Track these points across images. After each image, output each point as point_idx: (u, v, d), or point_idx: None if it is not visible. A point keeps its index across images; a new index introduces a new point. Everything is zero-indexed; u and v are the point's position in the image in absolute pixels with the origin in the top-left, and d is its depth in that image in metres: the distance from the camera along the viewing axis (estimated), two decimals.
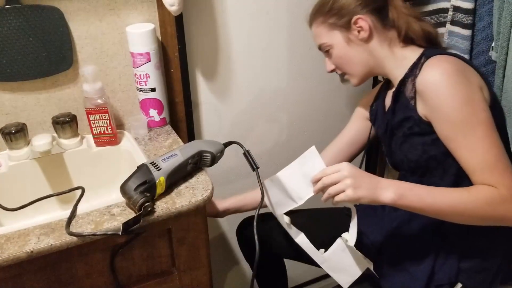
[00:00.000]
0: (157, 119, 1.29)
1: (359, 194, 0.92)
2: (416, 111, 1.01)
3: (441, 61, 0.97)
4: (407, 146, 1.07)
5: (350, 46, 1.09)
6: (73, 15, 1.16)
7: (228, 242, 1.70)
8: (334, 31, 1.10)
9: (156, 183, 0.96)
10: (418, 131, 1.03)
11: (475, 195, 0.92)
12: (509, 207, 0.91)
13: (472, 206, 0.92)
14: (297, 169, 1.04)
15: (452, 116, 0.94)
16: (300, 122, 1.62)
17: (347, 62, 1.12)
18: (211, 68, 1.39)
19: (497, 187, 0.92)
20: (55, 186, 1.18)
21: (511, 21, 1.01)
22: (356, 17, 1.06)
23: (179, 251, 1.05)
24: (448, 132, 0.96)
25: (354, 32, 1.07)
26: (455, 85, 0.93)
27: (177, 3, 1.12)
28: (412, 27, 1.06)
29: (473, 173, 0.94)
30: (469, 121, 0.93)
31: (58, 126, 1.16)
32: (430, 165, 1.04)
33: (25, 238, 0.88)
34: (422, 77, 0.97)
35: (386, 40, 1.08)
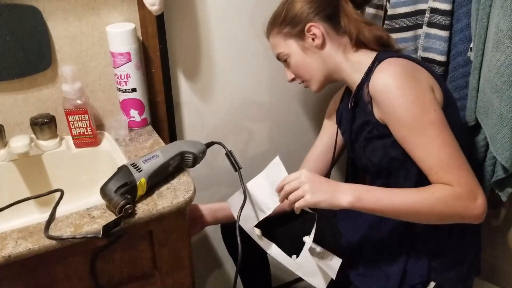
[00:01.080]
0: (138, 119, 1.28)
1: (317, 198, 0.94)
2: (373, 115, 1.04)
3: (390, 65, 1.00)
4: (369, 150, 1.09)
5: (306, 54, 1.12)
6: (52, 14, 1.14)
7: (211, 244, 1.69)
8: (289, 40, 1.13)
9: (137, 184, 0.96)
10: (377, 134, 1.05)
11: (430, 194, 0.94)
12: (465, 204, 0.93)
13: (428, 205, 0.94)
14: (264, 180, 1.08)
15: (402, 117, 0.96)
16: (283, 122, 1.62)
17: (305, 70, 1.14)
18: (192, 68, 1.38)
19: (453, 185, 0.93)
20: (34, 189, 1.16)
21: (487, 23, 1.03)
22: (309, 25, 1.09)
23: (161, 253, 1.04)
24: (401, 133, 0.98)
25: (309, 40, 1.10)
26: (403, 87, 0.96)
27: (158, 3, 1.11)
28: (363, 32, 1.09)
29: (429, 172, 0.96)
30: (419, 122, 0.95)
31: (36, 127, 1.14)
32: (393, 166, 1.06)
33: (2, 242, 0.87)
34: (373, 81, 1.00)
35: (340, 46, 1.11)
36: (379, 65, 1.02)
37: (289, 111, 1.62)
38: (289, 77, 1.20)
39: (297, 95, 1.61)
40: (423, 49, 1.24)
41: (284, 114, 1.61)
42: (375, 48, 1.09)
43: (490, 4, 1.00)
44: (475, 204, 0.93)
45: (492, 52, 1.00)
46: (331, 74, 1.14)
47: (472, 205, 0.93)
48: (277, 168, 1.05)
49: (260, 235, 1.14)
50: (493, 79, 1.01)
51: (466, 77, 1.18)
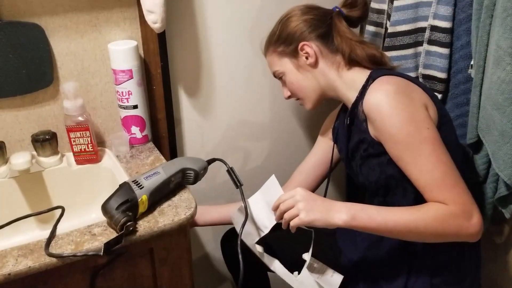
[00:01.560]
0: (139, 136, 1.28)
1: (312, 217, 0.94)
2: (368, 133, 1.04)
3: (383, 83, 1.00)
4: (365, 168, 1.09)
5: (300, 72, 1.14)
6: (54, 31, 1.15)
7: (212, 262, 1.68)
8: (284, 58, 1.15)
9: (138, 201, 0.95)
10: (373, 152, 1.04)
11: (425, 212, 0.93)
12: (461, 223, 0.92)
13: (423, 224, 0.93)
14: (260, 198, 1.08)
15: (395, 135, 0.96)
16: (283, 137, 1.62)
17: (299, 88, 1.16)
18: (193, 85, 1.38)
19: (447, 203, 0.93)
20: (34, 206, 1.15)
21: (487, 40, 1.04)
22: (302, 44, 1.11)
23: (161, 271, 1.03)
24: (395, 152, 0.98)
25: (302, 58, 1.12)
26: (396, 105, 0.96)
27: (160, 21, 1.12)
28: (355, 50, 1.09)
29: (424, 190, 0.96)
30: (412, 140, 0.94)
31: (37, 144, 1.14)
32: (390, 184, 1.06)
33: (2, 260, 0.86)
34: (366, 100, 1.00)
35: (334, 64, 1.11)
36: (373, 84, 1.02)
37: (289, 128, 1.62)
38: (286, 95, 1.21)
39: (297, 112, 1.61)
40: (423, 67, 1.25)
41: (284, 131, 1.62)
42: (368, 66, 1.10)
43: (490, 22, 1.01)
44: (470, 222, 0.92)
45: (493, 70, 1.01)
46: (325, 92, 1.15)
47: (467, 224, 0.92)
48: (273, 187, 1.05)
49: (262, 252, 1.13)
50: (494, 96, 1.01)
51: (467, 94, 1.19)
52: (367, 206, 0.97)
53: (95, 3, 1.17)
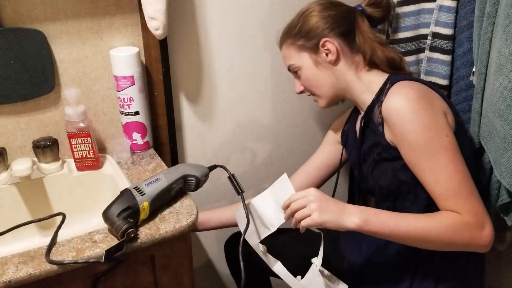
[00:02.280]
0: (140, 142, 1.28)
1: (324, 218, 0.93)
2: (384, 137, 1.03)
3: (404, 87, 0.99)
4: (377, 172, 1.08)
5: (318, 68, 1.11)
6: (56, 38, 1.15)
7: (214, 269, 1.67)
8: (302, 53, 1.12)
9: (140, 208, 0.95)
10: (387, 156, 1.04)
11: (438, 221, 0.93)
12: (473, 233, 0.92)
13: (436, 232, 0.92)
14: (270, 196, 1.06)
15: (414, 141, 0.95)
16: (284, 144, 1.62)
17: (315, 84, 1.13)
18: (195, 91, 1.38)
19: (461, 213, 0.92)
20: (35, 212, 1.15)
21: (489, 47, 1.04)
22: (324, 40, 1.08)
23: (163, 279, 1.02)
24: (412, 158, 0.97)
25: (322, 55, 1.09)
26: (417, 111, 0.95)
27: (162, 27, 1.12)
28: (377, 52, 1.08)
29: (438, 199, 0.95)
30: (431, 147, 0.94)
31: (38, 150, 1.14)
32: (402, 190, 1.05)
33: (3, 267, 0.85)
34: (386, 104, 0.99)
35: (353, 64, 1.10)
36: (393, 87, 1.01)
37: (291, 134, 1.62)
38: (298, 89, 1.18)
39: (299, 119, 1.61)
40: (425, 73, 1.25)
41: (286, 137, 1.61)
42: (386, 70, 1.09)
43: (492, 29, 1.01)
44: (482, 233, 0.92)
45: (495, 77, 1.00)
46: (341, 92, 1.13)
47: (479, 234, 0.92)
48: (284, 186, 1.02)
49: (264, 251, 1.12)
50: (496, 103, 1.01)
51: (468, 101, 1.19)
52: (380, 211, 0.95)
53: (97, 10, 1.17)
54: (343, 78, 1.10)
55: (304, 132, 1.64)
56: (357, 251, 1.21)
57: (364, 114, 1.09)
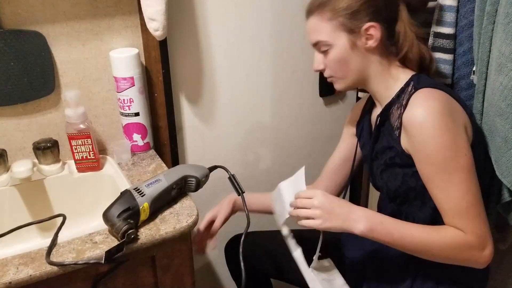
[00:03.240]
0: (140, 143, 1.28)
1: (329, 225, 0.95)
2: (399, 143, 1.01)
3: (429, 98, 0.95)
4: (387, 174, 1.07)
5: (353, 52, 1.02)
6: (56, 39, 1.15)
7: (214, 270, 1.67)
8: (340, 32, 1.01)
9: (140, 209, 0.95)
10: (399, 162, 1.03)
11: (442, 237, 0.94)
12: (474, 253, 0.93)
13: (438, 248, 0.94)
14: (288, 186, 1.06)
15: (432, 157, 0.94)
16: (285, 144, 1.62)
17: (343, 67, 1.04)
18: (195, 92, 1.38)
19: (465, 232, 0.93)
20: (35, 214, 1.15)
21: (489, 46, 1.03)
22: (370, 24, 0.99)
23: (163, 279, 1.02)
24: (426, 172, 0.96)
25: (362, 39, 1.01)
26: (439, 127, 0.93)
27: (161, 28, 1.12)
28: (413, 48, 1.03)
29: (445, 214, 0.95)
30: (448, 165, 0.93)
31: (39, 152, 1.14)
32: (409, 195, 1.05)
33: (3, 269, 0.85)
34: (409, 113, 0.96)
35: (388, 55, 1.04)
36: (417, 95, 0.96)
37: (292, 135, 1.62)
38: (318, 67, 1.08)
39: (300, 119, 1.61)
40: None
41: (286, 137, 1.61)
42: (414, 68, 1.05)
43: (492, 28, 1.01)
44: (482, 253, 0.93)
45: (495, 76, 1.00)
46: (364, 81, 1.07)
47: (479, 254, 0.93)
48: (299, 180, 1.03)
49: (287, 234, 1.09)
50: (497, 102, 1.01)
51: (469, 100, 1.18)
52: (386, 220, 0.96)
53: (96, 11, 1.17)
54: (373, 68, 1.04)
55: (305, 133, 1.64)
56: (358, 250, 1.21)
57: (381, 113, 1.06)
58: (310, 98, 1.60)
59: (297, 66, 1.52)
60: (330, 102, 1.64)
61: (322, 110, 1.64)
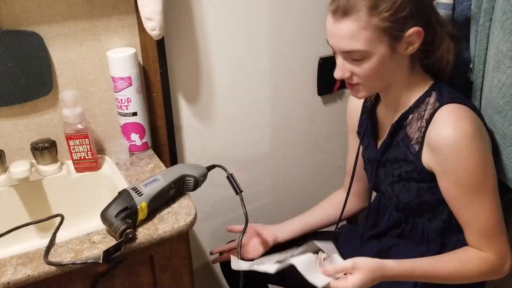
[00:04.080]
0: (138, 143, 1.28)
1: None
2: (419, 159, 0.98)
3: (460, 118, 0.91)
4: (399, 187, 1.05)
5: (391, 60, 0.91)
6: (53, 40, 1.15)
7: (212, 270, 1.67)
8: (382, 38, 0.88)
9: (138, 209, 0.95)
10: (416, 177, 1.00)
11: (470, 267, 0.95)
12: (494, 269, 0.96)
13: (467, 276, 0.95)
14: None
15: (463, 179, 0.92)
16: (283, 143, 1.62)
17: (377, 77, 0.93)
18: (193, 91, 1.38)
19: (488, 252, 0.94)
20: (33, 214, 1.15)
21: (486, 44, 1.03)
22: (415, 30, 0.88)
23: (162, 279, 1.02)
24: (455, 192, 0.95)
25: (402, 45, 0.90)
26: (473, 150, 0.90)
27: (159, 28, 1.12)
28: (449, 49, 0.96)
29: (471, 232, 0.96)
30: (479, 187, 0.93)
31: (37, 152, 1.13)
32: (421, 208, 1.04)
33: (2, 269, 0.85)
34: (439, 133, 0.91)
35: (415, 59, 0.96)
36: (444, 113, 0.92)
37: (290, 134, 1.62)
38: (343, 75, 0.95)
39: (297, 118, 1.61)
40: None
41: (285, 137, 1.61)
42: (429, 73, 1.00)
43: (489, 25, 1.01)
44: (502, 269, 0.96)
45: (493, 73, 1.00)
46: (388, 87, 0.98)
47: (499, 270, 0.96)
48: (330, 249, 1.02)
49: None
50: (495, 99, 1.01)
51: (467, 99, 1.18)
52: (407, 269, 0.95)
53: (93, 11, 1.17)
54: (401, 73, 0.95)
55: (303, 131, 1.64)
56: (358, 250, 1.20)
57: (398, 121, 1.01)
58: (309, 96, 1.59)
59: (295, 65, 1.52)
60: (329, 100, 1.64)
61: (321, 109, 1.64)
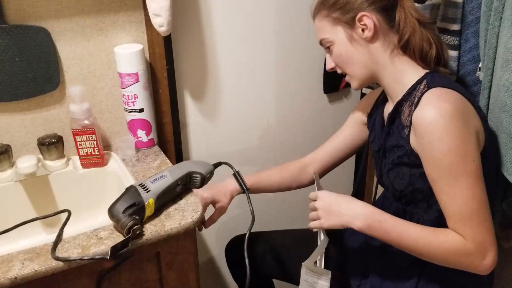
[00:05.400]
0: (145, 139, 1.28)
1: (330, 223, 1.01)
2: (408, 142, 0.99)
3: (442, 99, 0.93)
4: (393, 174, 1.06)
5: (352, 45, 1.03)
6: (60, 35, 1.15)
7: (218, 266, 1.67)
8: (337, 26, 1.03)
9: (145, 205, 0.95)
10: (407, 161, 1.01)
11: (441, 241, 0.93)
12: (472, 260, 0.92)
13: (435, 251, 0.94)
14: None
15: (439, 160, 0.92)
16: (289, 141, 1.62)
17: (347, 62, 1.05)
18: (199, 88, 1.38)
19: (466, 239, 0.92)
20: (40, 209, 1.15)
21: (496, 43, 1.03)
22: (362, 14, 0.99)
23: (168, 275, 1.02)
24: (432, 174, 0.95)
25: (358, 30, 1.01)
26: (450, 131, 0.90)
27: (166, 24, 1.12)
28: (415, 34, 1.00)
29: (449, 218, 0.95)
30: (454, 170, 0.91)
31: (43, 148, 1.14)
32: (415, 197, 1.04)
33: (9, 264, 0.86)
34: (420, 113, 0.94)
35: (390, 45, 1.02)
36: (429, 94, 0.94)
37: (296, 131, 1.62)
38: (329, 66, 1.10)
39: (303, 115, 1.60)
40: None
41: (291, 134, 1.61)
42: (418, 62, 1.02)
43: (499, 24, 1.00)
44: (482, 262, 0.92)
45: (501, 72, 1.00)
46: (374, 74, 1.05)
47: (478, 263, 0.92)
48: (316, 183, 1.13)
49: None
50: (503, 98, 1.00)
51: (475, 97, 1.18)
52: (386, 218, 0.97)
53: (101, 7, 1.17)
54: (377, 59, 1.03)
55: (309, 129, 1.64)
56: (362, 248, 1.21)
57: (392, 111, 1.04)
58: (315, 94, 1.59)
59: (301, 63, 1.52)
60: (335, 99, 1.64)
61: (327, 107, 1.63)
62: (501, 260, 1.32)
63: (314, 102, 1.60)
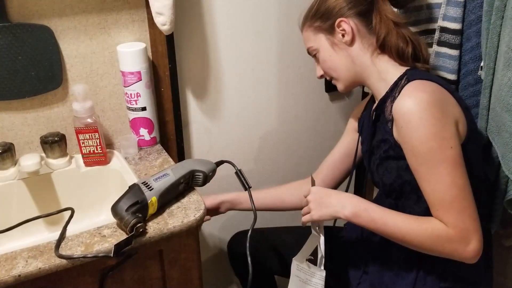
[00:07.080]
0: (147, 138, 1.28)
1: (319, 214, 1.04)
2: (392, 135, 1.02)
3: (418, 89, 0.96)
4: (382, 169, 1.08)
5: (335, 50, 1.09)
6: (63, 33, 1.15)
7: (220, 264, 1.67)
8: (319, 34, 1.11)
9: (148, 203, 0.95)
10: (393, 154, 1.03)
11: (424, 229, 0.95)
12: (454, 247, 0.93)
13: (419, 239, 0.95)
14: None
15: (417, 147, 0.94)
16: (291, 140, 1.62)
17: (332, 66, 1.11)
18: (201, 87, 1.38)
19: (448, 226, 0.93)
20: (43, 207, 1.15)
21: (497, 42, 1.03)
22: (339, 20, 1.06)
23: (171, 273, 1.03)
24: (412, 163, 0.97)
25: (338, 36, 1.08)
26: (425, 118, 0.93)
27: (169, 22, 1.12)
28: (391, 35, 1.05)
29: (431, 206, 0.96)
30: (432, 157, 0.93)
31: (46, 146, 1.14)
32: (404, 189, 1.05)
33: (12, 262, 0.86)
34: (398, 104, 0.97)
35: (370, 47, 1.07)
36: (407, 86, 0.98)
37: (298, 130, 1.62)
38: (318, 73, 1.16)
39: (305, 115, 1.61)
40: (433, 68, 1.24)
41: (293, 133, 1.61)
42: (397, 60, 1.06)
43: (501, 23, 1.01)
44: (465, 248, 0.93)
45: (503, 71, 1.00)
46: (359, 76, 1.10)
47: (461, 249, 0.93)
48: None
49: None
50: (504, 97, 1.01)
51: (476, 96, 1.18)
52: (372, 208, 1.00)
53: (104, 5, 1.17)
54: (359, 61, 1.08)
55: (311, 128, 1.64)
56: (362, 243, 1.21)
57: (376, 107, 1.08)
58: (316, 93, 1.60)
59: (303, 62, 1.52)
60: (336, 97, 1.64)
61: (328, 106, 1.64)
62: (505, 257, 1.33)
63: (316, 101, 1.61)
